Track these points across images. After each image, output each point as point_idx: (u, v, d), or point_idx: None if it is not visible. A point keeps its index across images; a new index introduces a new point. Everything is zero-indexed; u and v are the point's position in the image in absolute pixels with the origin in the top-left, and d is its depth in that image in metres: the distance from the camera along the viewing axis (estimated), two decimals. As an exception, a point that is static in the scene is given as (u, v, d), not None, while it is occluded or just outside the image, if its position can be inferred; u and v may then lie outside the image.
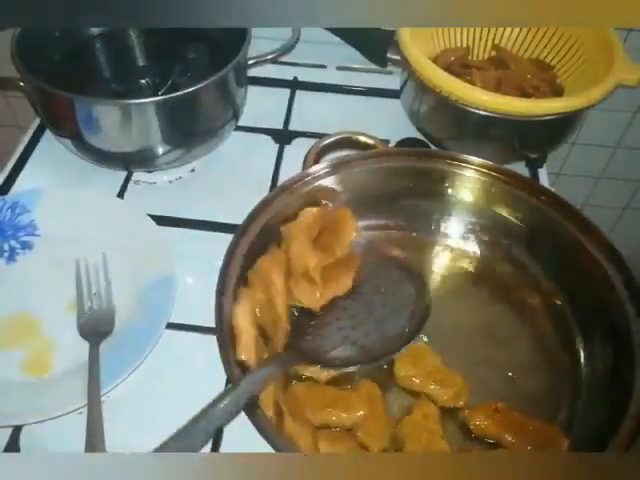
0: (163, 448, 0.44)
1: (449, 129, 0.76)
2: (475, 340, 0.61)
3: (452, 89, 0.69)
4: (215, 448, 0.55)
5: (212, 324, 0.53)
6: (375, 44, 0.82)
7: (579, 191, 1.15)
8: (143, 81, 0.77)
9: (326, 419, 0.53)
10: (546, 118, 0.69)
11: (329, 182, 0.65)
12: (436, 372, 0.57)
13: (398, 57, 0.77)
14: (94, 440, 0.51)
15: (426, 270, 0.67)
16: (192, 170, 0.78)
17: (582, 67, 0.77)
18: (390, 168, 0.67)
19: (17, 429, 0.55)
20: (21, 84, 0.68)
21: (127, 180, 0.76)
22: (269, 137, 0.82)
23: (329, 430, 0.53)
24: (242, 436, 0.51)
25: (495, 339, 0.61)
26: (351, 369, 0.57)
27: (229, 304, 0.55)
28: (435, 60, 0.77)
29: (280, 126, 0.83)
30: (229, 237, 0.60)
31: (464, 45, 0.84)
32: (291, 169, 0.69)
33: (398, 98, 0.83)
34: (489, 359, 0.59)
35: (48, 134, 0.80)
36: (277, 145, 0.81)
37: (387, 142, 0.78)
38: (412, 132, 0.81)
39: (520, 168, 0.77)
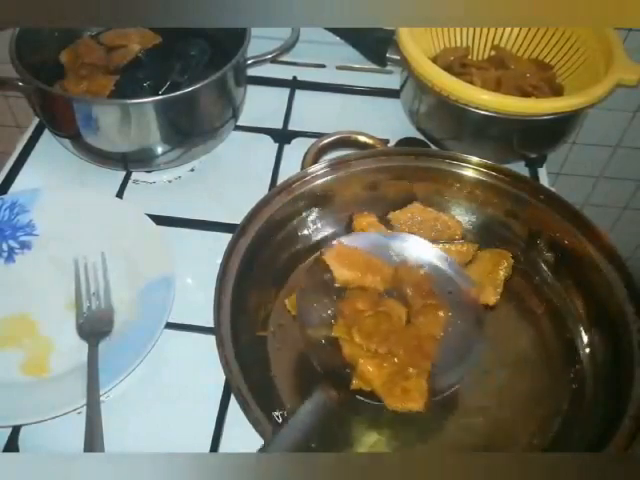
0: None
1: (449, 129, 0.76)
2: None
3: (452, 89, 0.69)
4: (215, 448, 0.55)
5: (211, 324, 0.53)
6: (375, 44, 0.82)
7: (579, 191, 1.15)
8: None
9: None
10: (546, 118, 0.69)
11: (328, 181, 0.65)
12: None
13: (398, 57, 0.77)
14: (93, 440, 0.51)
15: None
16: (191, 170, 0.78)
17: (582, 67, 0.77)
18: (389, 168, 0.67)
19: (16, 429, 0.55)
20: (20, 84, 0.68)
21: (126, 180, 0.75)
22: (268, 137, 0.82)
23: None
24: (242, 436, 0.51)
25: (494, 338, 0.61)
26: None
27: (228, 304, 0.55)
28: (435, 60, 0.77)
29: (279, 126, 0.83)
30: (228, 237, 0.60)
31: (464, 45, 0.84)
32: (290, 168, 0.69)
33: (398, 98, 0.83)
34: (489, 358, 0.59)
35: (47, 134, 0.80)
36: (276, 145, 0.81)
37: (387, 142, 0.78)
38: (412, 132, 0.81)
39: (520, 168, 0.77)
